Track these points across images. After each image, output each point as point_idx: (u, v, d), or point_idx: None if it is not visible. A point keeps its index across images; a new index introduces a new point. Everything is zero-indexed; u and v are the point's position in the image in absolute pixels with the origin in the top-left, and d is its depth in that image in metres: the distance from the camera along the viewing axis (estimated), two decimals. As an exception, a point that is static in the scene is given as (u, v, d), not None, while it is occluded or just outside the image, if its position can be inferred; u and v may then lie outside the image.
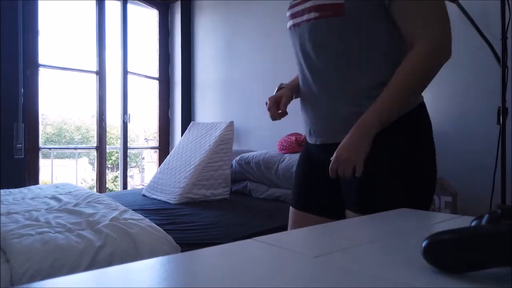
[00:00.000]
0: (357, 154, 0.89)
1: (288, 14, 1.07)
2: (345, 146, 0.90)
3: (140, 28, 3.92)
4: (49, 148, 3.63)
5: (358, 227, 0.68)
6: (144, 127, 5.34)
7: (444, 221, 0.70)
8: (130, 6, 3.58)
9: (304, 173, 1.15)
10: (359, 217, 0.75)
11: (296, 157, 2.39)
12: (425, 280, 0.41)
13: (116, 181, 6.11)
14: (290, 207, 1.19)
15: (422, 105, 1.00)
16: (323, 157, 1.02)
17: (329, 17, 0.93)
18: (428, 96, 2.04)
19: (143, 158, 5.25)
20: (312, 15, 0.96)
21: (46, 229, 1.38)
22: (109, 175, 6.18)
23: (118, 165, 4.40)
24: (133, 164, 5.94)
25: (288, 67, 1.89)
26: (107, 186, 3.53)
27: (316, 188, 1.09)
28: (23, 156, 2.84)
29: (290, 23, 1.06)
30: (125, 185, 3.56)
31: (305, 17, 0.98)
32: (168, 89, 3.94)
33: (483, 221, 0.48)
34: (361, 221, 0.72)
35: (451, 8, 1.84)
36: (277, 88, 1.18)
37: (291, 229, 1.16)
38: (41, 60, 3.01)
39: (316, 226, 0.68)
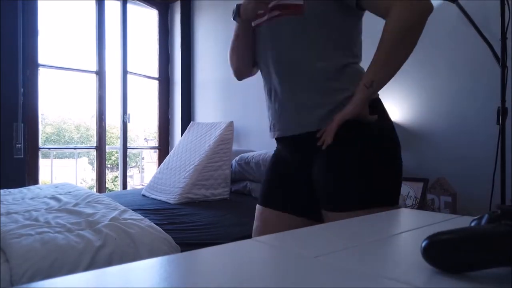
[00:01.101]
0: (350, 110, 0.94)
1: None
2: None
3: (140, 28, 3.92)
4: (49, 148, 3.63)
5: (358, 227, 0.68)
6: (144, 127, 5.34)
7: (444, 221, 0.70)
8: (130, 6, 3.58)
9: (274, 170, 1.17)
10: (359, 217, 0.75)
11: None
12: (425, 280, 0.41)
13: (115, 181, 6.11)
14: (257, 205, 1.18)
15: (378, 100, 1.05)
16: (287, 149, 1.09)
17: (290, 15, 1.00)
18: (428, 96, 2.05)
19: (142, 158, 5.25)
20: (274, 13, 1.02)
21: (45, 229, 1.38)
22: (109, 175, 6.18)
23: (117, 165, 4.40)
24: (133, 164, 5.94)
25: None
26: (106, 186, 3.53)
27: (284, 184, 1.12)
28: (22, 156, 2.84)
29: (253, 23, 1.11)
30: (124, 185, 3.56)
31: (266, 17, 1.05)
32: (168, 89, 3.94)
33: (483, 221, 0.48)
34: (361, 221, 0.72)
35: (451, 8, 1.84)
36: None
37: (259, 228, 1.15)
38: (41, 60, 3.01)
39: (316, 226, 0.68)
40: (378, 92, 1.01)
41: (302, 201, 1.08)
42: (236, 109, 3.28)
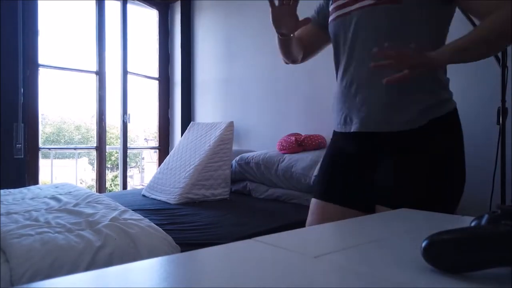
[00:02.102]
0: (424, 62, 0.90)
1: (332, 7, 1.10)
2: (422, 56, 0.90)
3: (140, 28, 3.92)
4: (49, 148, 3.63)
5: (358, 227, 0.68)
6: (144, 127, 5.34)
7: (444, 221, 0.70)
8: (130, 6, 3.58)
9: (335, 164, 1.16)
10: (359, 217, 0.75)
11: (296, 157, 2.40)
12: (425, 280, 0.41)
13: (115, 181, 6.11)
14: (313, 199, 1.18)
15: (456, 111, 1.04)
16: (356, 145, 1.08)
17: (387, 3, 0.97)
18: (428, 96, 2.05)
19: (143, 158, 5.26)
20: (367, 2, 0.99)
21: (45, 229, 1.38)
22: (109, 175, 6.18)
23: (117, 165, 4.40)
24: (133, 164, 5.94)
25: (288, 67, 1.89)
26: (106, 186, 3.53)
27: (347, 179, 1.11)
28: (23, 156, 2.84)
29: (335, 14, 1.08)
30: (124, 185, 3.56)
31: (357, 5, 1.02)
32: (168, 89, 3.94)
33: (483, 221, 0.48)
34: (361, 221, 0.72)
35: (451, 8, 1.84)
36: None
37: (316, 222, 1.15)
38: (41, 60, 3.01)
39: (316, 226, 0.68)
40: (455, 105, 1.04)
41: (362, 195, 1.08)
42: (236, 109, 3.28)
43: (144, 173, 5.09)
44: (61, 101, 4.98)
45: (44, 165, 3.35)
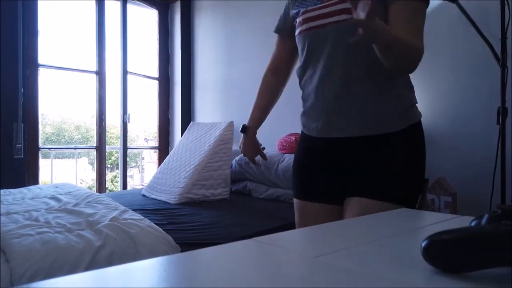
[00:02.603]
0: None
1: (301, 18, 1.13)
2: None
3: (140, 28, 3.92)
4: (49, 148, 3.63)
5: (358, 227, 0.68)
6: (144, 127, 5.34)
7: (444, 221, 0.70)
8: (129, 6, 3.58)
9: (304, 164, 1.22)
10: (359, 217, 0.75)
11: (296, 157, 2.40)
12: (425, 280, 0.41)
13: (115, 181, 6.11)
14: (294, 199, 1.24)
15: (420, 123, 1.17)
16: (325, 149, 1.14)
17: None
18: (428, 96, 2.05)
19: (143, 158, 5.26)
20: (344, 17, 1.03)
21: (45, 229, 1.38)
22: (109, 175, 6.18)
23: (117, 165, 4.40)
24: (133, 164, 5.94)
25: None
26: (106, 186, 3.53)
27: (317, 177, 1.18)
28: (22, 156, 2.84)
29: (307, 25, 1.11)
30: (124, 185, 3.56)
31: (333, 19, 1.05)
32: (168, 89, 3.94)
33: (483, 221, 0.48)
34: (361, 221, 0.72)
35: (451, 8, 1.84)
36: (241, 128, 1.41)
37: (300, 220, 1.22)
38: (41, 60, 3.01)
39: (316, 226, 0.68)
40: (420, 117, 1.15)
41: (336, 190, 1.14)
42: (236, 109, 3.28)
43: (144, 173, 5.09)
44: (61, 101, 4.98)
45: (44, 165, 3.35)
